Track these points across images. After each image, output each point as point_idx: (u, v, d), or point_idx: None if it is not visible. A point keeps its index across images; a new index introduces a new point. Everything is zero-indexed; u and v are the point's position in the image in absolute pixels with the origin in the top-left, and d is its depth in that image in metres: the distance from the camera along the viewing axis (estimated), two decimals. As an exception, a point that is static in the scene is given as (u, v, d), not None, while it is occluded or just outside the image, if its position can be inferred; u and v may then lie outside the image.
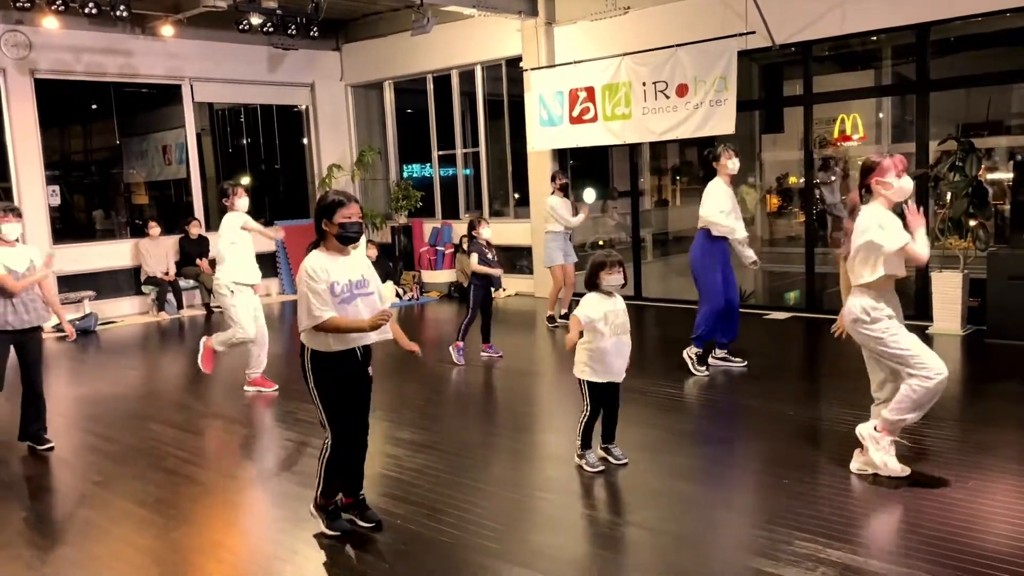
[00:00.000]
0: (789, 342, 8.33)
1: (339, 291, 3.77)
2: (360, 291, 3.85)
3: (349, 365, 3.86)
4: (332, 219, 3.78)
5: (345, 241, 3.83)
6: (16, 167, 10.77)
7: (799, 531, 3.80)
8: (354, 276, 3.86)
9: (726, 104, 9.02)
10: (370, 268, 4.02)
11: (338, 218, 3.78)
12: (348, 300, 3.80)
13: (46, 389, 5.79)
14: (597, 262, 4.54)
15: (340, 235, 3.80)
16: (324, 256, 3.83)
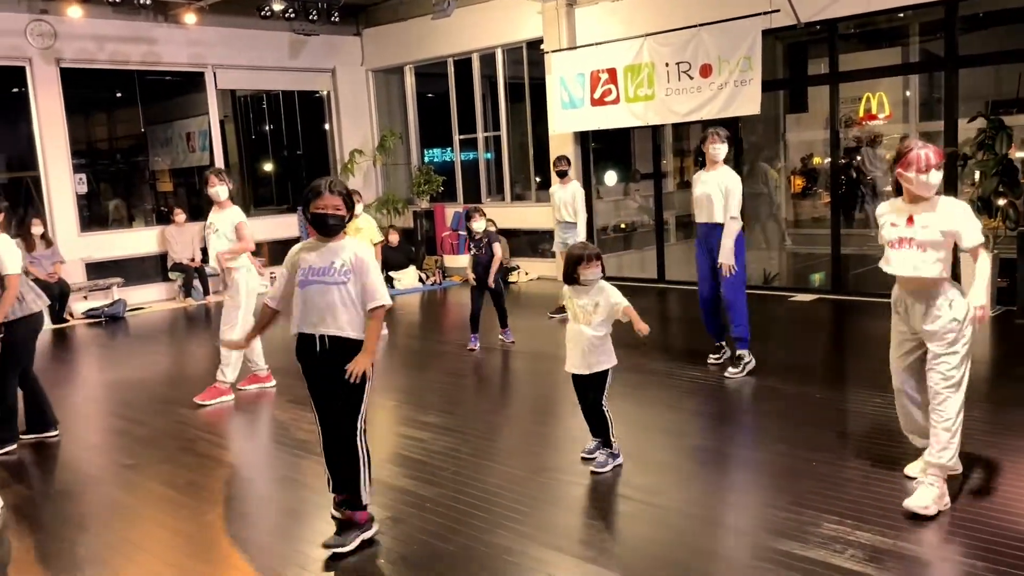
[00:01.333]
0: (815, 324, 8.26)
1: (299, 275, 3.69)
2: (317, 278, 3.63)
3: (307, 353, 3.69)
4: (308, 208, 3.67)
5: (320, 231, 3.67)
6: (44, 156, 10.90)
7: (827, 513, 3.78)
8: (320, 263, 3.65)
9: (751, 84, 8.92)
10: (355, 257, 3.66)
11: (312, 207, 3.65)
12: (303, 284, 3.67)
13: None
14: (575, 255, 4.36)
15: (313, 223, 3.69)
16: (306, 243, 3.77)
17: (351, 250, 3.69)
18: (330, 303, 3.61)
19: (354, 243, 3.77)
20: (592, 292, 4.42)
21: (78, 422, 6.09)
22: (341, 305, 3.62)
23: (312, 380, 3.75)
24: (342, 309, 3.62)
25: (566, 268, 4.43)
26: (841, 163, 9.66)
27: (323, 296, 3.62)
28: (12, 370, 5.26)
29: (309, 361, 3.72)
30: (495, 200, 12.86)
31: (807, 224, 11.80)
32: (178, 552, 3.84)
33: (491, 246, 7.47)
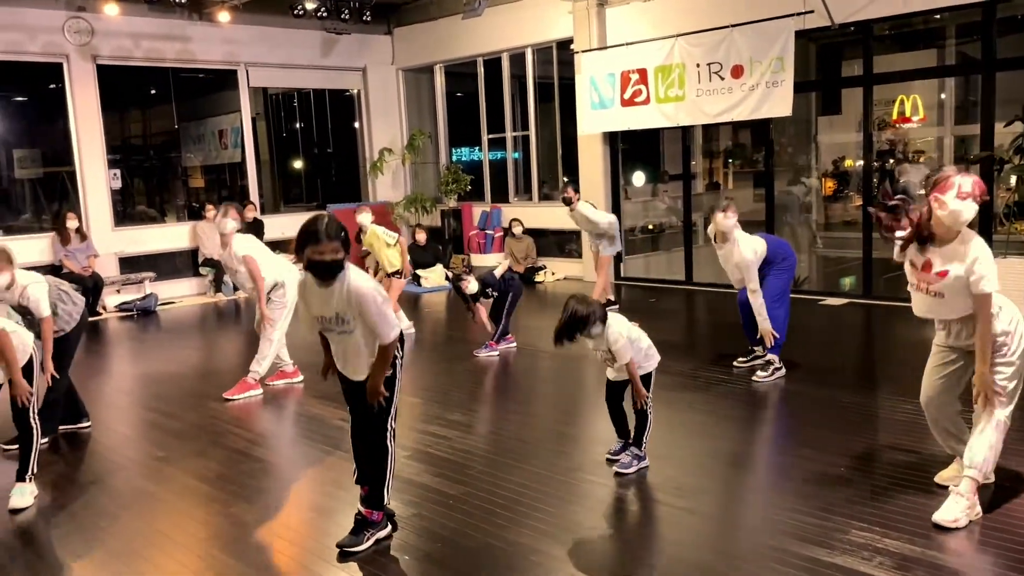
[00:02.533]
0: (845, 329, 8.17)
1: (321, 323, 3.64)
2: (328, 327, 3.61)
3: None
4: (302, 252, 3.47)
5: (319, 276, 3.49)
6: (79, 151, 11.08)
7: (855, 520, 3.75)
8: (325, 313, 3.58)
9: (783, 85, 8.85)
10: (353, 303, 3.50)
11: (308, 253, 3.44)
12: (322, 330, 3.68)
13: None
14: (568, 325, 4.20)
15: (308, 269, 3.52)
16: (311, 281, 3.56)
17: (346, 296, 3.49)
18: (347, 350, 3.65)
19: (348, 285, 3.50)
20: (598, 342, 4.33)
21: (111, 414, 6.19)
22: (356, 352, 3.62)
23: (345, 383, 3.80)
24: (362, 353, 3.62)
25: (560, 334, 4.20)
26: (875, 166, 9.53)
27: (341, 344, 3.66)
28: (66, 368, 5.40)
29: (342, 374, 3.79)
30: (522, 200, 12.87)
31: (838, 227, 11.68)
32: (207, 544, 3.90)
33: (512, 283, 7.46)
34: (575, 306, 4.22)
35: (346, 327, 3.56)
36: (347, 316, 3.54)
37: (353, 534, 3.72)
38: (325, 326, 3.63)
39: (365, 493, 3.78)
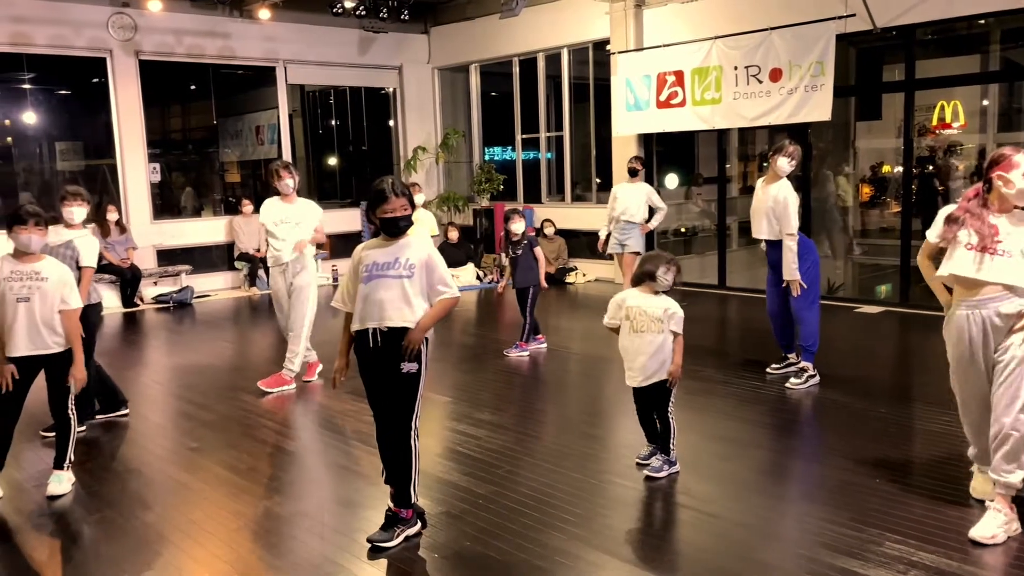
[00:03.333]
0: (880, 337, 8.05)
1: (361, 271, 3.72)
2: (380, 272, 3.66)
3: (363, 349, 3.73)
4: (375, 212, 3.71)
5: (388, 234, 3.72)
6: (120, 145, 11.28)
7: (889, 531, 3.69)
8: (385, 258, 3.69)
9: (822, 90, 8.75)
10: (424, 254, 3.72)
11: (379, 212, 3.69)
12: (366, 280, 3.70)
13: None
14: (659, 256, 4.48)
15: (381, 228, 3.73)
16: (373, 242, 3.79)
17: (419, 247, 3.76)
18: (391, 297, 3.64)
19: (420, 240, 3.83)
20: (663, 298, 4.39)
21: (146, 404, 6.29)
22: (401, 299, 3.64)
23: (368, 378, 3.79)
24: (402, 303, 3.64)
25: (643, 267, 4.40)
26: (914, 172, 9.38)
27: (385, 290, 3.65)
28: (91, 352, 5.47)
29: (365, 357, 3.76)
30: (555, 200, 12.85)
31: (874, 234, 11.51)
32: (238, 535, 3.94)
33: (532, 249, 7.34)
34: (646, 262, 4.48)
35: (402, 271, 3.66)
36: (410, 262, 3.68)
37: (384, 530, 3.74)
38: (372, 272, 3.68)
39: (394, 492, 3.81)
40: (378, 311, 3.65)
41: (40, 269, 4.35)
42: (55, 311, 4.36)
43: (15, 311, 4.26)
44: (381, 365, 3.69)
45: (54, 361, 4.40)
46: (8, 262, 4.33)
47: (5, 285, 4.26)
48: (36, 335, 4.31)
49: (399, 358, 3.63)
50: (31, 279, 4.30)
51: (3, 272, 4.28)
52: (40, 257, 4.39)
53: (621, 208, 8.72)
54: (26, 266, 4.32)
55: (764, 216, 5.97)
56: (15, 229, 4.25)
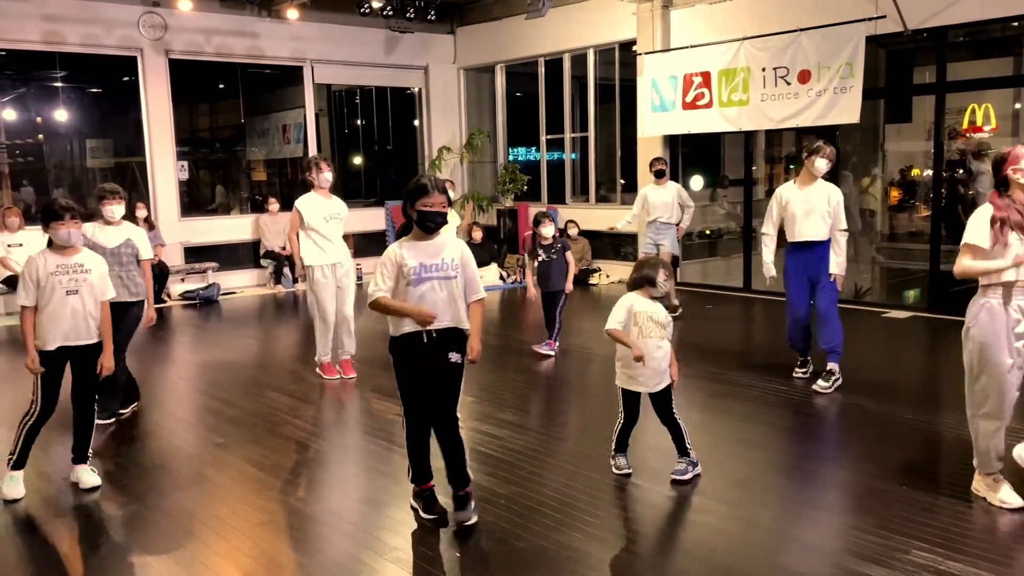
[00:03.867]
0: (908, 342, 7.96)
1: (407, 272, 3.75)
2: (433, 274, 3.77)
3: (413, 350, 3.81)
4: (414, 205, 3.78)
5: (424, 229, 3.80)
6: (150, 143, 11.41)
7: (916, 539, 3.64)
8: (430, 260, 3.79)
9: (851, 92, 8.66)
10: (459, 252, 3.89)
11: (419, 205, 3.76)
12: (416, 283, 3.75)
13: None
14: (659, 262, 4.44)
15: (419, 222, 3.80)
16: (405, 242, 3.84)
17: (455, 245, 3.91)
18: (443, 298, 3.79)
19: (454, 239, 3.95)
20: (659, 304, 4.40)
21: (172, 399, 6.36)
22: (451, 300, 3.81)
23: (416, 377, 3.84)
24: (452, 303, 3.82)
25: (643, 271, 4.37)
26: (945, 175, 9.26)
27: (437, 292, 3.77)
28: (126, 346, 5.56)
29: (414, 358, 3.82)
30: (579, 201, 12.83)
31: (903, 238, 11.38)
32: (262, 530, 3.98)
33: (565, 253, 7.36)
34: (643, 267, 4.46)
35: (450, 272, 3.80)
36: (456, 262, 3.83)
37: (463, 509, 3.90)
38: (422, 275, 3.75)
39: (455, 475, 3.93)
40: (437, 310, 3.76)
41: (83, 262, 4.43)
42: (98, 302, 4.44)
43: (64, 303, 4.32)
44: (431, 362, 3.80)
45: (89, 352, 4.45)
46: (51, 256, 4.37)
47: (53, 279, 4.31)
48: (82, 326, 4.38)
49: (447, 352, 3.80)
50: (76, 271, 4.38)
51: (48, 267, 4.33)
52: (79, 249, 4.46)
53: (656, 213, 8.87)
54: (69, 259, 4.39)
55: (820, 217, 5.93)
56: (53, 225, 4.31)
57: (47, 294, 4.31)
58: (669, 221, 8.86)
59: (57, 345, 4.35)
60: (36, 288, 4.30)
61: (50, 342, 4.34)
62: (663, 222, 8.84)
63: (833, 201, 5.91)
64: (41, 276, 4.30)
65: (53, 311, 4.32)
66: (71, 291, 4.34)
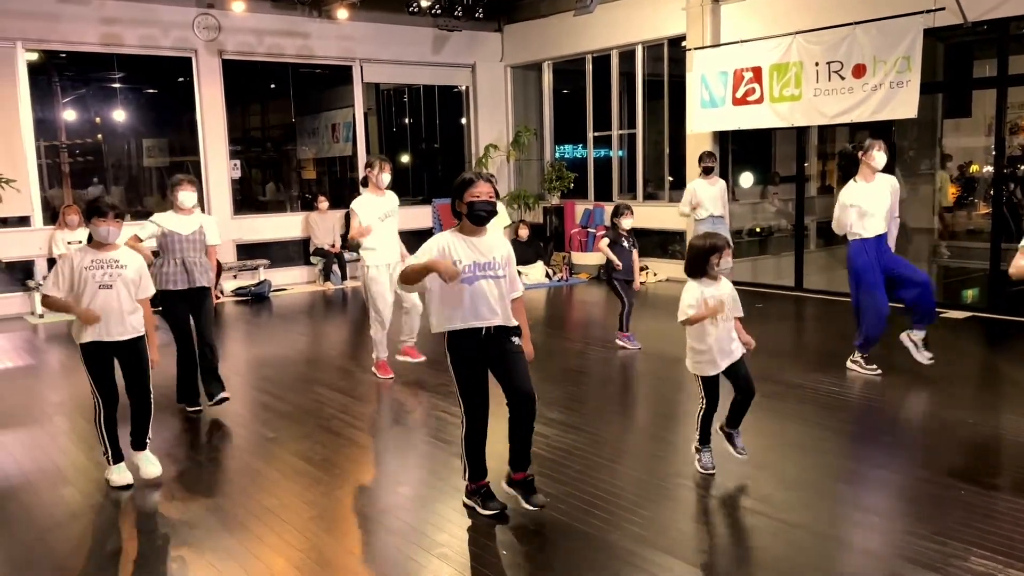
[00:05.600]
0: (966, 344, 7.73)
1: (460, 270, 3.77)
2: (486, 272, 3.82)
3: (470, 345, 3.85)
4: (462, 198, 3.82)
5: (474, 220, 3.83)
6: (204, 142, 11.64)
7: (974, 546, 3.54)
8: (482, 259, 3.83)
9: (908, 86, 8.43)
10: (506, 251, 3.96)
11: (467, 196, 3.81)
12: (470, 280, 3.78)
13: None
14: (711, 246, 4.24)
15: (469, 214, 3.83)
16: (455, 234, 3.87)
17: (502, 243, 3.99)
18: (496, 296, 3.84)
19: (501, 236, 4.02)
20: (724, 282, 4.35)
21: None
22: (502, 298, 3.90)
23: (476, 372, 3.89)
24: (502, 302, 3.88)
25: (697, 260, 4.30)
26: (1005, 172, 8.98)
27: (490, 291, 3.82)
28: (209, 334, 5.91)
29: (471, 353, 3.87)
30: (626, 198, 12.73)
31: (961, 236, 11.07)
32: (312, 524, 4.03)
33: (635, 247, 7.54)
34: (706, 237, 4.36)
35: (499, 271, 3.86)
36: (503, 261, 3.89)
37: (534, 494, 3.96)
38: (476, 273, 3.80)
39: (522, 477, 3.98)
40: (488, 311, 3.82)
41: (118, 258, 4.52)
42: (134, 298, 4.53)
43: (96, 298, 4.41)
44: (488, 354, 3.88)
45: (130, 347, 4.53)
46: (87, 252, 4.48)
47: (87, 274, 4.41)
48: (115, 322, 4.45)
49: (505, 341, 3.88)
50: (111, 267, 4.47)
51: (83, 262, 4.43)
52: (116, 246, 4.55)
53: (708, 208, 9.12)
54: (105, 255, 4.48)
55: (888, 209, 6.14)
56: (95, 220, 4.42)
57: (80, 288, 4.39)
58: (722, 215, 9.13)
59: (90, 339, 4.43)
60: (68, 281, 4.40)
61: (84, 335, 4.43)
62: (717, 216, 9.10)
63: (895, 191, 6.18)
64: (75, 270, 4.40)
65: (87, 305, 4.39)
66: (104, 285, 4.41)
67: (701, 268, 4.28)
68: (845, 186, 6.26)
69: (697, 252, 4.30)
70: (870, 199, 6.09)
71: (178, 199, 5.72)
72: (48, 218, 10.60)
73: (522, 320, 3.99)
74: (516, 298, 3.97)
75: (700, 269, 4.29)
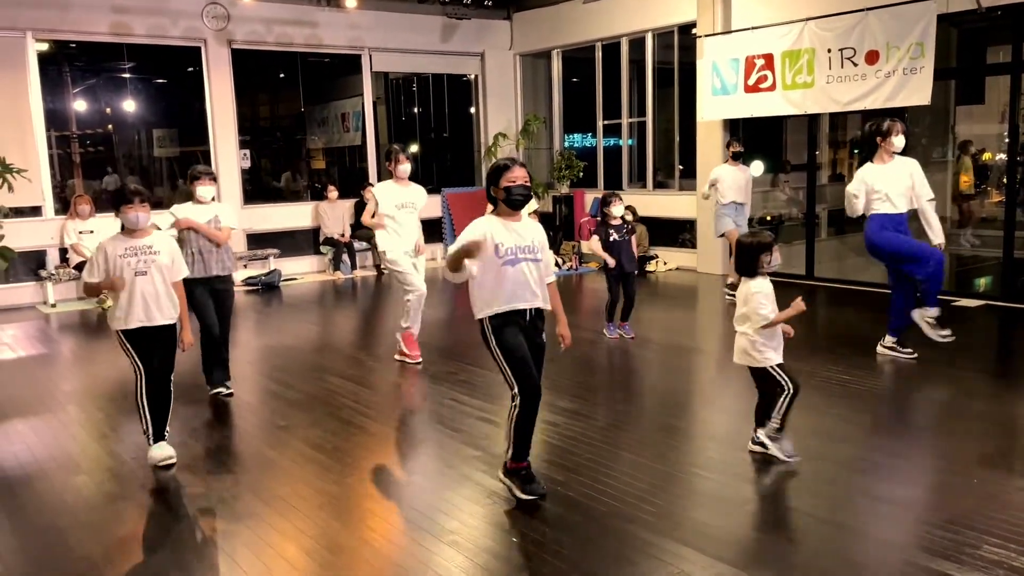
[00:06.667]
0: (980, 332, 7.67)
1: (503, 252, 3.86)
2: (527, 255, 3.93)
3: (516, 323, 3.94)
4: (498, 184, 3.92)
5: (512, 204, 3.93)
6: (214, 131, 11.65)
7: (988, 535, 3.52)
8: (523, 242, 3.93)
9: (921, 73, 8.35)
10: (542, 235, 4.07)
11: (503, 182, 3.91)
12: (513, 263, 3.88)
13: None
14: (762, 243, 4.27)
15: (506, 199, 3.92)
16: (494, 219, 3.95)
17: (536, 228, 4.06)
18: (536, 279, 3.95)
19: (533, 221, 4.08)
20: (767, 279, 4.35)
21: (236, 383, 6.47)
22: (541, 281, 3.98)
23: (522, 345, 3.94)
24: (541, 284, 3.99)
25: (747, 258, 4.29)
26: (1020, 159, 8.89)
27: (534, 271, 3.94)
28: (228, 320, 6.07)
29: (517, 329, 3.94)
30: (635, 187, 12.69)
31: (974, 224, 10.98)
32: (323, 511, 4.04)
33: (631, 235, 7.41)
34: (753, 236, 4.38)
35: (538, 255, 3.97)
36: (540, 245, 3.98)
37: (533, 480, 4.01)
38: (518, 256, 3.90)
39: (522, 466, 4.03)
40: (530, 294, 3.93)
41: (151, 244, 4.56)
42: (168, 283, 4.56)
43: (132, 285, 4.45)
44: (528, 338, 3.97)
45: (163, 332, 4.57)
46: (120, 240, 4.51)
47: (122, 262, 4.45)
48: (154, 307, 4.50)
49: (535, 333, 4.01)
50: (145, 253, 4.51)
51: (117, 250, 4.46)
52: (148, 232, 4.60)
53: (731, 195, 9.09)
54: (138, 242, 4.52)
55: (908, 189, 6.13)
56: (123, 208, 4.46)
57: (117, 277, 4.44)
58: (744, 203, 9.17)
59: (138, 325, 4.48)
60: (104, 271, 4.44)
61: (130, 321, 4.47)
62: (740, 203, 9.11)
63: (916, 174, 6.12)
64: (110, 259, 4.44)
65: (125, 293, 4.44)
66: (140, 272, 4.47)
67: (752, 266, 4.29)
68: (860, 168, 6.23)
69: (746, 250, 4.32)
70: (885, 180, 6.07)
71: (196, 193, 5.81)
72: (60, 208, 10.64)
73: (557, 305, 4.10)
74: (550, 283, 4.07)
75: (752, 267, 4.30)
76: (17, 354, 7.74)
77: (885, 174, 6.10)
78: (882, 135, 6.08)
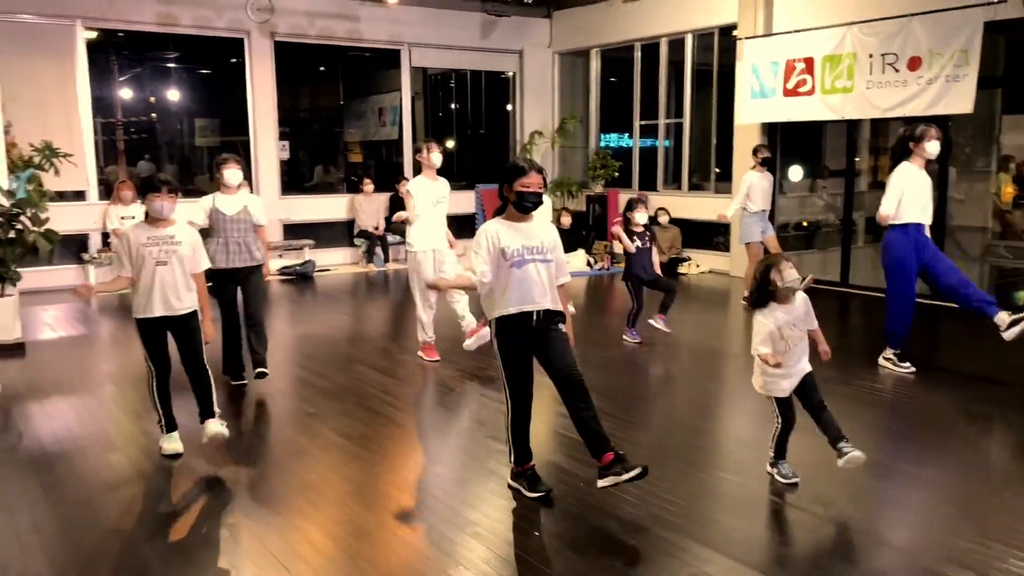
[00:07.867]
0: (1015, 345, 7.52)
1: (510, 255, 3.82)
2: (535, 256, 3.87)
3: (521, 330, 3.89)
4: (512, 186, 3.86)
5: (521, 209, 3.89)
6: (254, 122, 11.82)
7: (1017, 549, 3.47)
8: (531, 242, 3.89)
9: (965, 80, 8.22)
10: (553, 236, 4.01)
11: (517, 186, 3.85)
12: (520, 264, 3.83)
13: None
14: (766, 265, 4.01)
15: (516, 203, 3.88)
16: (501, 222, 3.92)
17: (549, 229, 4.03)
18: (545, 280, 3.89)
19: (547, 222, 4.06)
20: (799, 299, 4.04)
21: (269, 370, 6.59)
22: (550, 282, 3.94)
23: (524, 357, 3.94)
24: (550, 286, 3.92)
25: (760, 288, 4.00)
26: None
27: (539, 274, 3.87)
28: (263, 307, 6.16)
29: (522, 336, 3.90)
30: (670, 189, 12.64)
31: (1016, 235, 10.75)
32: (350, 498, 4.11)
33: (653, 242, 7.32)
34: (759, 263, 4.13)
35: (547, 255, 3.91)
36: (550, 246, 3.93)
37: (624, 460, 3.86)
38: (526, 256, 3.85)
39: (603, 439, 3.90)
40: (539, 295, 3.87)
41: (174, 234, 4.62)
42: (188, 274, 4.63)
43: (153, 274, 4.52)
44: (537, 338, 3.92)
45: (183, 321, 4.63)
46: (143, 229, 4.58)
47: (144, 251, 4.52)
48: (173, 297, 4.56)
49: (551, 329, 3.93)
50: (167, 243, 4.57)
51: (140, 239, 4.54)
52: (171, 222, 4.64)
53: (761, 203, 8.96)
54: (160, 231, 4.58)
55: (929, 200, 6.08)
56: (150, 196, 4.52)
57: (138, 265, 4.51)
58: (766, 209, 9.07)
59: (160, 314, 4.54)
60: (128, 258, 4.52)
61: (149, 310, 4.53)
62: (763, 210, 9.01)
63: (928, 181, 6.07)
64: (132, 247, 4.51)
65: (145, 282, 4.51)
66: (161, 262, 4.51)
67: (766, 294, 4.02)
68: (897, 167, 6.09)
69: (756, 279, 4.06)
70: (918, 184, 5.98)
71: (223, 177, 5.83)
72: (103, 193, 10.88)
73: (565, 307, 4.04)
74: (561, 284, 4.01)
75: (766, 296, 4.02)
76: (59, 335, 7.95)
77: (919, 178, 6.01)
78: (915, 140, 5.92)
